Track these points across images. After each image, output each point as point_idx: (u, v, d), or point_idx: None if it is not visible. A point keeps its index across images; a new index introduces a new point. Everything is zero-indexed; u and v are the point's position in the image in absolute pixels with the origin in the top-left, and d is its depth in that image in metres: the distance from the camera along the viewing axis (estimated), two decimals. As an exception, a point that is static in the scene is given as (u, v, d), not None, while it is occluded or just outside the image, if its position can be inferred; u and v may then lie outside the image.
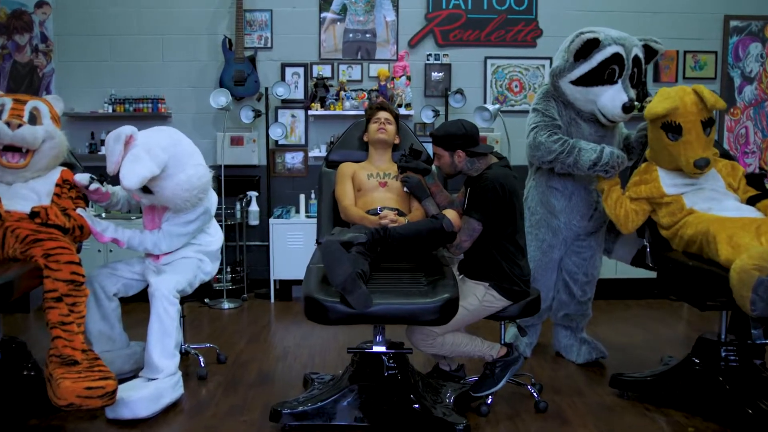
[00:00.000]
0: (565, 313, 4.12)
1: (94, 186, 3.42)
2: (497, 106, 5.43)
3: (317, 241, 3.53)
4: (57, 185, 3.42)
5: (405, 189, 3.46)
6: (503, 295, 3.18)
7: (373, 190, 3.53)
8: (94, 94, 5.89)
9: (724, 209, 3.25)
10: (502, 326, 3.47)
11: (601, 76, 3.60)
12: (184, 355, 3.86)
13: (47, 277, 2.98)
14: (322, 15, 5.96)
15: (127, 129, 3.18)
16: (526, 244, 3.34)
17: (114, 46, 5.93)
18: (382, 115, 3.70)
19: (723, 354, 3.23)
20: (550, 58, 5.86)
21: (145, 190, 3.28)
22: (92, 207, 5.50)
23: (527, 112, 5.86)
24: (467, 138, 3.18)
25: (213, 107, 5.49)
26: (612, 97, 3.60)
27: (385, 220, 3.24)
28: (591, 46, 3.56)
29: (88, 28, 5.90)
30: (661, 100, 3.37)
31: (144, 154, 3.16)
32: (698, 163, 3.30)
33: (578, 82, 3.65)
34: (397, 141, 3.76)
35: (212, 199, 3.64)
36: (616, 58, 3.58)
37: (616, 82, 3.61)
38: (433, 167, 3.58)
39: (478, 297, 3.17)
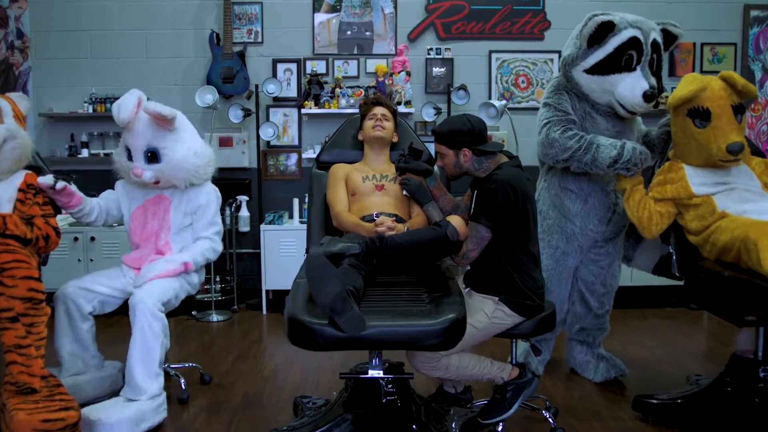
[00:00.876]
0: (581, 327, 3.83)
1: (61, 185, 3.14)
2: (504, 102, 5.12)
3: (307, 251, 3.22)
4: (20, 190, 3.13)
5: (404, 192, 3.15)
6: (515, 311, 2.87)
7: (369, 194, 3.20)
8: (73, 93, 5.63)
9: (762, 212, 2.94)
10: (514, 344, 3.16)
11: (618, 62, 3.33)
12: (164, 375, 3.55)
13: (1, 294, 2.67)
14: (316, 10, 5.67)
15: (139, 92, 3.27)
16: (539, 253, 3.03)
17: (95, 42, 5.67)
18: (379, 110, 3.39)
19: (762, 374, 2.93)
20: (559, 52, 5.63)
21: (152, 158, 3.19)
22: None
23: (535, 109, 5.62)
24: (474, 135, 2.87)
25: (200, 106, 5.20)
26: (631, 86, 3.32)
27: (381, 228, 2.92)
28: (606, 29, 3.29)
29: (66, 23, 5.63)
30: (686, 84, 3.12)
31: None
32: (732, 148, 2.99)
33: (593, 70, 3.37)
34: (395, 139, 3.45)
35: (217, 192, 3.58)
36: (634, 42, 3.31)
37: (634, 69, 3.34)
38: (436, 168, 3.28)
39: (487, 313, 2.86)
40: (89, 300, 3.27)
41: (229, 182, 5.59)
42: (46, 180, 3.14)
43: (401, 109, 5.34)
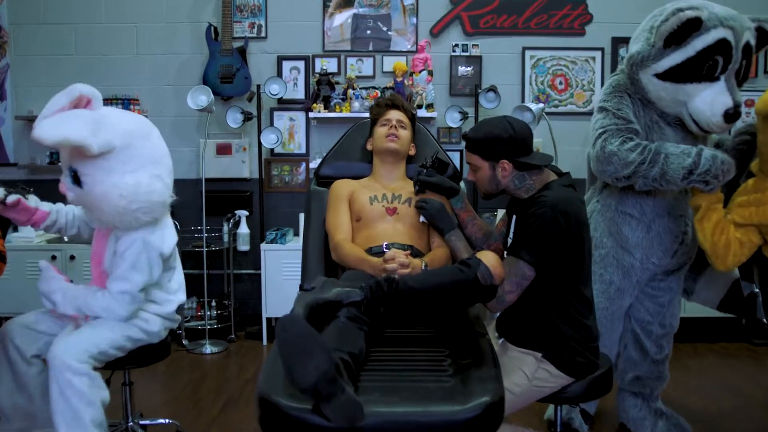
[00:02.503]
0: (636, 375, 3.22)
1: (12, 198, 2.60)
2: (541, 105, 4.54)
3: (302, 288, 2.63)
4: (-37, 208, 2.59)
5: (421, 218, 2.55)
6: (563, 370, 2.29)
7: (378, 219, 2.61)
8: (55, 93, 4.96)
9: None
10: (558, 411, 2.55)
11: (699, 69, 2.70)
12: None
13: None
14: (327, 2, 5.14)
15: (85, 88, 2.39)
16: (593, 295, 2.44)
17: (79, 36, 5.20)
18: (394, 115, 2.81)
19: None
20: (602, 49, 5.18)
21: (75, 179, 2.45)
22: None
23: (574, 114, 5.09)
24: (516, 143, 2.29)
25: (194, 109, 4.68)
26: (711, 100, 2.70)
27: (391, 265, 2.32)
28: (690, 28, 2.66)
29: (49, 16, 5.16)
30: None
31: (88, 120, 2.31)
32: None
33: (666, 75, 2.75)
34: (412, 151, 2.86)
35: (166, 240, 2.67)
36: (722, 45, 2.67)
37: (717, 79, 2.71)
38: (462, 185, 2.69)
39: (527, 374, 2.28)
40: (33, 341, 2.69)
41: (226, 195, 5.14)
42: None
43: (422, 113, 4.81)
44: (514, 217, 2.38)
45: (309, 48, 5.18)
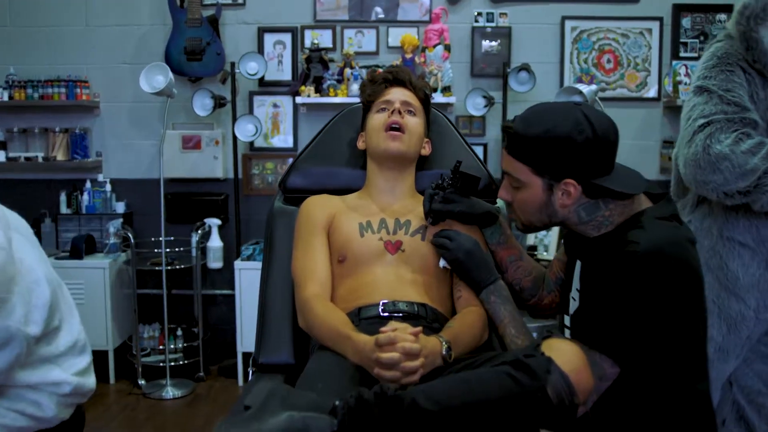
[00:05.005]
0: (738, 462, 2.44)
1: None
2: (593, 87, 3.79)
3: (253, 363, 1.79)
4: None
5: (441, 263, 1.67)
6: None
7: (373, 259, 1.72)
8: None
9: None
10: None
11: None
12: None
13: None
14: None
15: None
16: (710, 389, 1.62)
17: (15, 4, 4.52)
18: (397, 95, 1.92)
19: None
20: (660, 19, 4.46)
21: None
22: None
23: (626, 99, 4.34)
24: (597, 152, 1.48)
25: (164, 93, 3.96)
26: None
27: (390, 355, 1.39)
28: None
29: (-23, -21, 4.51)
30: None
31: None
32: None
33: None
34: (425, 151, 1.97)
35: (31, 313, 1.73)
36: None
37: None
38: (501, 203, 1.84)
39: None
40: None
41: (195, 199, 4.45)
42: None
43: (437, 98, 4.13)
44: (579, 264, 1.52)
45: (297, 17, 4.50)
